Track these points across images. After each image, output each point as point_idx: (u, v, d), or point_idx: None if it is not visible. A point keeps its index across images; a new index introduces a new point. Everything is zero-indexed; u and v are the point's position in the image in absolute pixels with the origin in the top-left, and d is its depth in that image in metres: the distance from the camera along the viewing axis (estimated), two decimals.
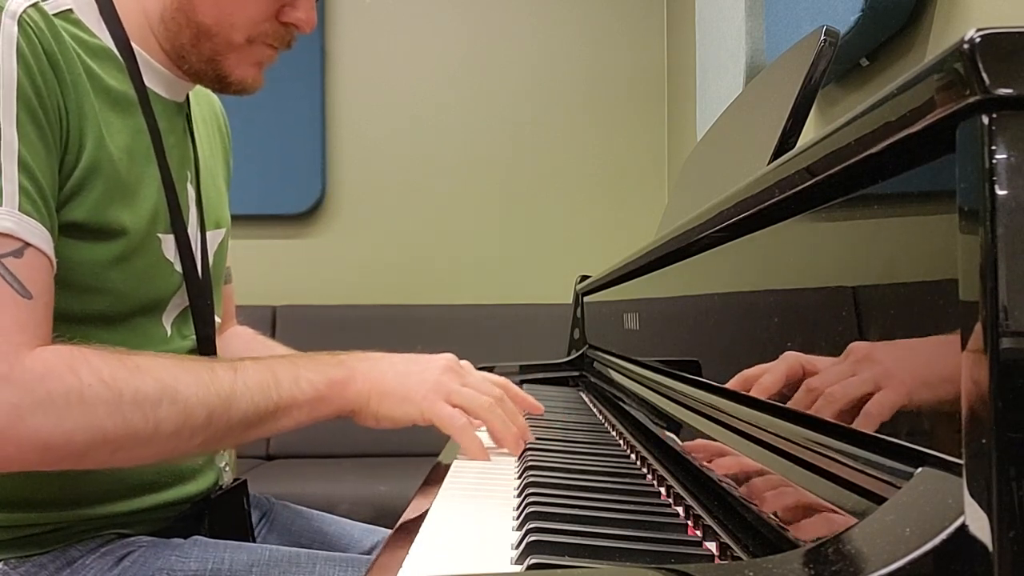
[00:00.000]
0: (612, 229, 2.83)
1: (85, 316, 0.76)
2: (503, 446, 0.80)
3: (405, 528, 0.56)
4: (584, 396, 1.39)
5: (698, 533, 0.52)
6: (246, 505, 0.94)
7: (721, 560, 0.47)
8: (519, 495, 0.63)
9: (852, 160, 0.36)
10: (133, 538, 0.81)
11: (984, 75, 0.26)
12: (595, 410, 1.19)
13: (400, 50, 2.86)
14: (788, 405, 0.45)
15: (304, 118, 2.79)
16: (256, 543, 0.93)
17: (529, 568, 0.44)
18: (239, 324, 1.12)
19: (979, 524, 0.27)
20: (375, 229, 2.85)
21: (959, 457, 0.28)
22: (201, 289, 0.87)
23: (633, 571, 0.43)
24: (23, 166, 0.66)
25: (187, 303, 0.87)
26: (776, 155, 0.72)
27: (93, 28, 0.77)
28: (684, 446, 0.65)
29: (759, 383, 0.50)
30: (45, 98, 0.69)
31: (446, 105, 2.86)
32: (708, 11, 1.99)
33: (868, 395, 0.36)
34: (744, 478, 0.49)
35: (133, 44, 0.80)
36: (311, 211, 2.83)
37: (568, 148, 2.87)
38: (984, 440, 0.27)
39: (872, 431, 0.35)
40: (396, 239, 2.85)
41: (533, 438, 0.83)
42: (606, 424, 1.04)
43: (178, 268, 0.85)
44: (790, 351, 0.45)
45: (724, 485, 0.52)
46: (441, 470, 0.75)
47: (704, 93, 2.00)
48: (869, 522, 0.31)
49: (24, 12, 0.69)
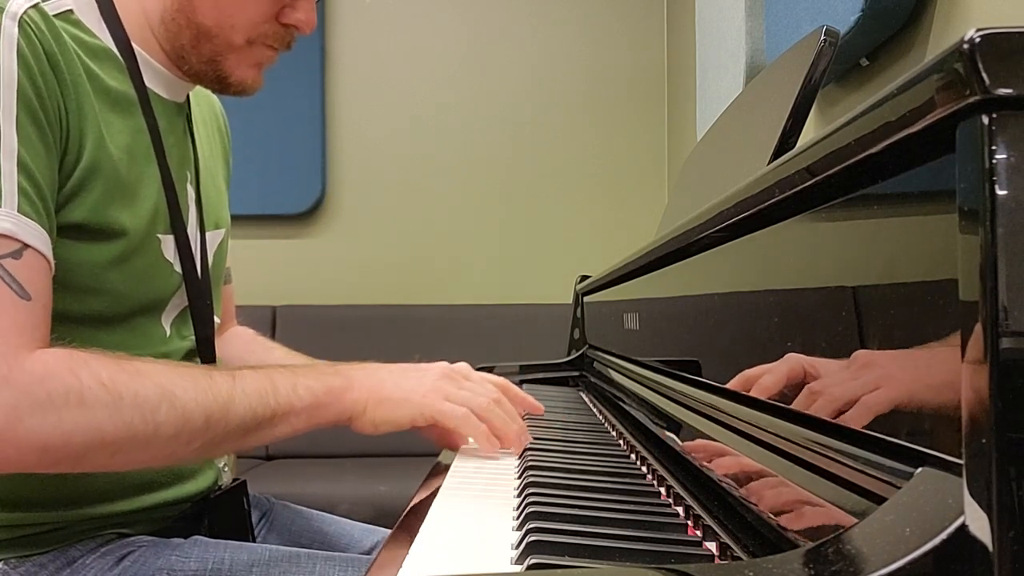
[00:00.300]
0: (612, 229, 2.83)
1: (84, 316, 0.76)
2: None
3: (405, 528, 0.56)
4: (584, 396, 1.39)
5: (698, 533, 0.52)
6: (246, 505, 0.94)
7: (721, 560, 0.47)
8: (519, 495, 0.63)
9: (852, 160, 0.36)
10: (133, 538, 0.81)
11: (984, 75, 0.26)
12: (595, 410, 1.19)
13: (400, 50, 2.86)
14: (788, 405, 0.45)
15: (304, 118, 2.79)
16: (256, 543, 0.93)
17: (529, 568, 0.44)
18: (239, 324, 1.12)
19: (979, 524, 0.27)
20: (375, 229, 2.85)
21: (959, 457, 0.28)
22: (200, 289, 0.87)
23: (633, 571, 0.43)
24: (22, 167, 0.66)
25: (186, 303, 0.87)
26: (776, 155, 0.72)
27: (93, 29, 0.77)
28: (684, 446, 0.65)
29: (759, 383, 0.50)
30: (45, 99, 0.69)
31: (446, 105, 2.86)
32: (708, 11, 1.99)
33: (868, 395, 0.36)
34: (744, 478, 0.49)
35: (133, 44, 0.80)
36: (311, 211, 2.83)
37: (568, 148, 2.87)
38: (984, 440, 0.27)
39: (872, 431, 0.35)
40: (396, 239, 2.85)
41: (531, 439, 0.83)
42: (606, 424, 1.04)
43: (177, 268, 0.85)
44: (790, 351, 0.45)
45: (724, 485, 0.52)
46: (441, 470, 0.75)
47: (704, 93, 2.00)
48: (869, 522, 0.31)
49: (25, 13, 0.69)
